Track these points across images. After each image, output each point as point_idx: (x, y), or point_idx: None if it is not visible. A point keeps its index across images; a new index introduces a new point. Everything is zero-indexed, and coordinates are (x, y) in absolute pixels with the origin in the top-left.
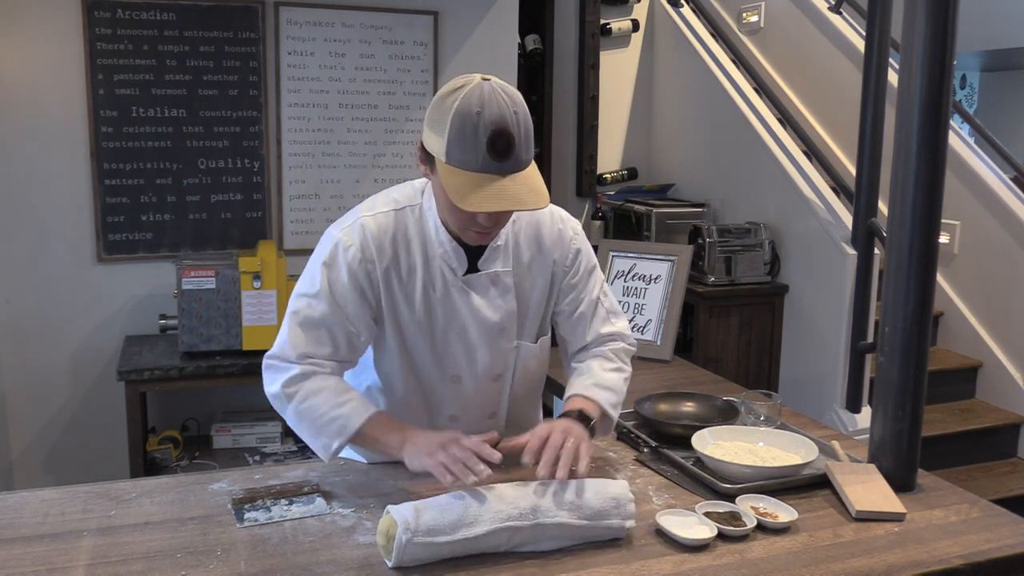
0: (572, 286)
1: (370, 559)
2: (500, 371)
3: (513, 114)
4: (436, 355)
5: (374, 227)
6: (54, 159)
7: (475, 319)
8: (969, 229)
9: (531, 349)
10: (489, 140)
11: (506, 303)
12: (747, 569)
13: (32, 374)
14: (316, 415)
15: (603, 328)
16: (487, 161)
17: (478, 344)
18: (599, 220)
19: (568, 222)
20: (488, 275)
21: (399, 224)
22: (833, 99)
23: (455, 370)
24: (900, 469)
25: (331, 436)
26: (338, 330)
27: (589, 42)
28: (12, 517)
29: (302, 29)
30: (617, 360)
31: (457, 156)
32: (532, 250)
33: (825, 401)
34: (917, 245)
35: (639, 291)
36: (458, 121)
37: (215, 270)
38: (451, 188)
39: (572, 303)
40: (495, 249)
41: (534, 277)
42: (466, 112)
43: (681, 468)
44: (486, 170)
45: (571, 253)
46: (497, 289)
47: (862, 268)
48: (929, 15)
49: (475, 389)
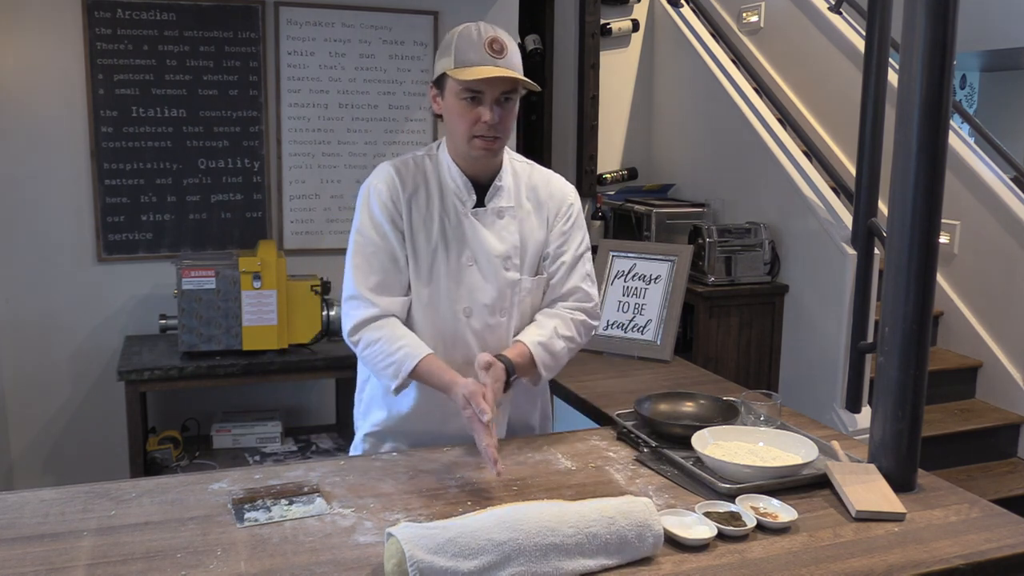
0: (562, 232)
1: (370, 559)
2: (505, 305)
3: (505, 33)
4: (449, 283)
5: (398, 167)
6: (54, 159)
7: (483, 248)
8: (969, 229)
9: (530, 284)
10: (487, 42)
11: (510, 235)
12: (747, 569)
13: (32, 374)
14: (376, 360)
15: (583, 284)
16: (486, 57)
17: (487, 274)
18: (599, 220)
19: (566, 185)
20: (494, 209)
21: (418, 166)
22: (833, 99)
23: (467, 302)
24: (900, 469)
25: (389, 378)
26: (384, 256)
27: (589, 42)
28: (12, 517)
29: (302, 29)
30: (574, 329)
31: (463, 58)
32: (532, 201)
33: (825, 401)
34: (917, 245)
35: (639, 291)
36: (462, 36)
37: (215, 270)
38: (460, 76)
39: (558, 248)
40: (498, 188)
41: (534, 221)
42: (466, 29)
43: (681, 468)
44: (487, 63)
45: (565, 205)
46: (502, 222)
47: (862, 268)
48: (929, 15)
49: (483, 325)
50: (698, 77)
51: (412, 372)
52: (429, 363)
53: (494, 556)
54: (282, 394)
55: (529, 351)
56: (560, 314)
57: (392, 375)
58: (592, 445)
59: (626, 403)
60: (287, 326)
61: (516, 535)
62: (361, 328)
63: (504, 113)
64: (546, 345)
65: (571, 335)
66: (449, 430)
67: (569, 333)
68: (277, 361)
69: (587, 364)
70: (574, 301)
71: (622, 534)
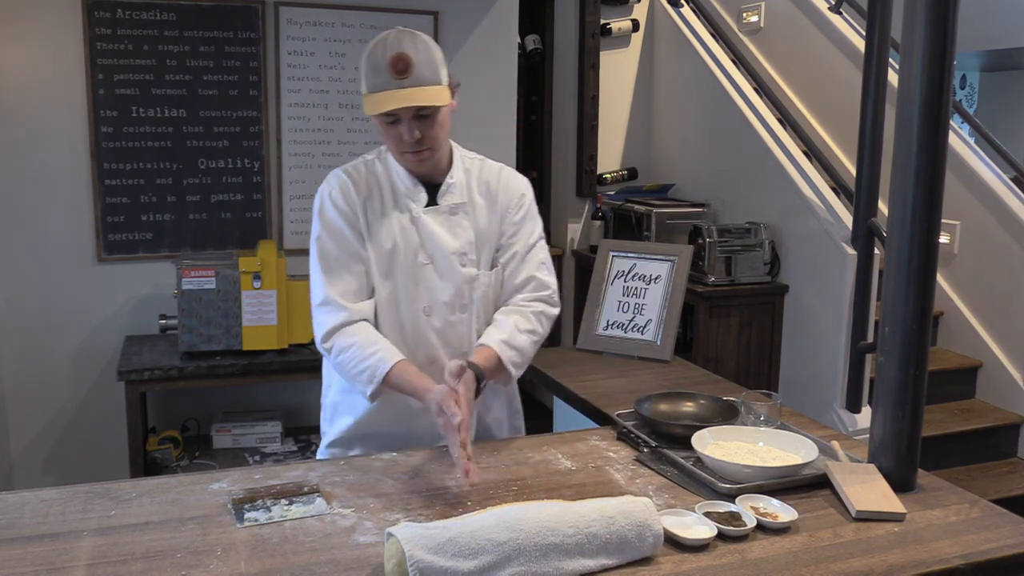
0: (514, 223)
1: (370, 559)
2: (464, 302)
3: (412, 43)
4: (407, 283)
5: (350, 172)
6: (54, 159)
7: (438, 246)
8: (969, 229)
9: (487, 278)
10: (391, 62)
11: (464, 231)
12: (747, 569)
13: (32, 374)
14: (349, 365)
15: (537, 272)
16: (390, 80)
17: (443, 272)
18: (599, 220)
19: (518, 177)
20: (446, 207)
21: (369, 170)
22: (833, 99)
23: (426, 300)
24: (900, 469)
25: (363, 384)
26: (349, 261)
27: (589, 42)
28: (12, 517)
29: (302, 29)
30: (535, 321)
31: (371, 83)
32: (484, 196)
33: (825, 401)
34: (917, 245)
35: (639, 291)
36: (370, 57)
37: (215, 270)
38: (367, 106)
39: (510, 239)
40: (450, 185)
41: (486, 215)
42: (373, 48)
43: (681, 468)
44: (390, 87)
45: (516, 196)
46: (455, 219)
47: (862, 268)
48: (929, 15)
49: (444, 323)
50: (698, 77)
51: (385, 377)
52: (402, 368)
53: (494, 556)
54: (282, 394)
55: (495, 353)
56: (518, 309)
57: (367, 380)
58: (592, 445)
59: (626, 403)
60: (287, 326)
61: (516, 535)
62: (333, 334)
63: (425, 126)
64: (510, 343)
65: (532, 328)
66: (417, 430)
67: (530, 326)
68: (277, 361)
69: (587, 364)
70: (530, 291)
71: (622, 534)
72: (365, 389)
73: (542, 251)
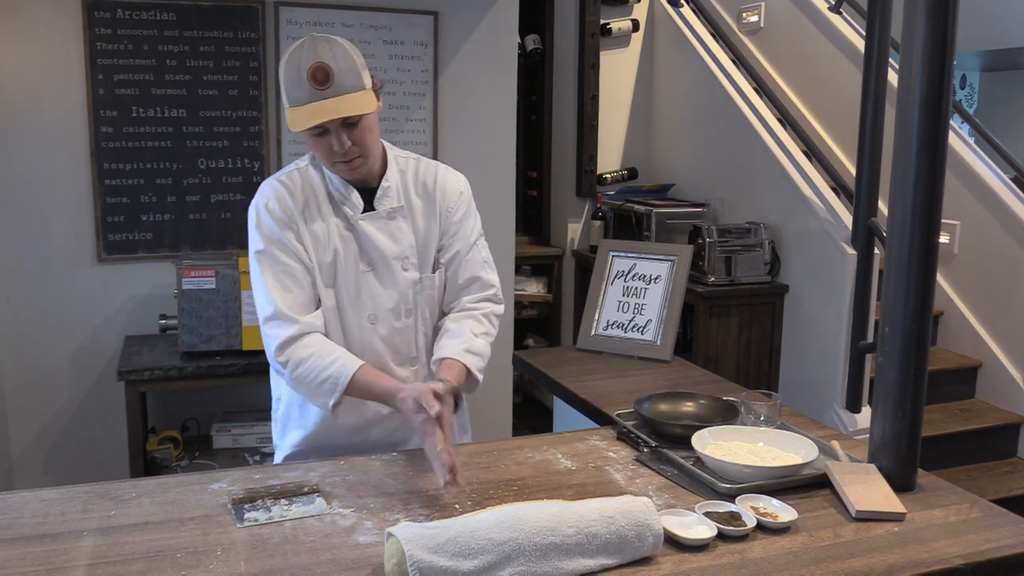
0: (453, 223)
1: (370, 559)
2: (409, 307)
3: (329, 50)
4: (350, 292)
5: (283, 182)
6: (54, 159)
7: (378, 252)
8: (969, 229)
9: (431, 281)
10: (310, 73)
11: (404, 235)
12: (747, 569)
13: (32, 374)
14: (309, 378)
15: (480, 272)
16: (312, 92)
17: (384, 278)
18: (599, 220)
19: (455, 175)
20: (384, 211)
21: (304, 179)
22: (833, 99)
23: (371, 308)
24: (900, 469)
25: (325, 395)
26: (294, 272)
27: (589, 42)
28: (12, 517)
29: (302, 29)
30: (487, 323)
31: (292, 96)
32: (422, 197)
33: (825, 401)
34: (917, 245)
35: (639, 291)
36: (287, 69)
37: (215, 270)
38: (292, 122)
39: (450, 240)
40: (386, 189)
41: (425, 217)
42: (289, 59)
43: (681, 468)
44: (313, 100)
45: (455, 196)
46: (394, 223)
47: (862, 268)
48: (929, 15)
49: (390, 330)
50: (698, 77)
51: (349, 384)
52: (366, 373)
53: (494, 556)
54: None
55: (462, 364)
56: (468, 313)
57: (328, 390)
58: (592, 445)
59: (626, 403)
60: None
61: (516, 535)
62: (287, 347)
63: (356, 134)
64: (471, 350)
65: (486, 330)
66: (372, 438)
67: (483, 329)
68: None
69: (587, 364)
70: (475, 291)
71: (622, 534)
72: (327, 400)
73: (483, 249)
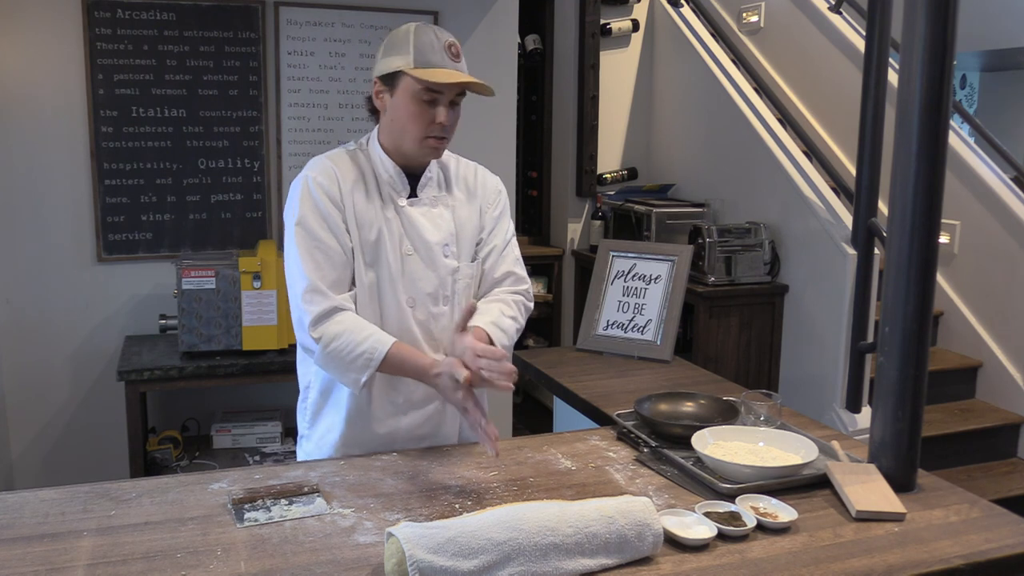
0: (493, 219)
1: (370, 559)
2: (447, 294)
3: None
4: (392, 274)
5: (334, 159)
6: (54, 159)
7: (421, 237)
8: (969, 229)
9: (468, 270)
10: (447, 46)
11: (445, 223)
12: (747, 569)
13: (32, 374)
14: (343, 353)
15: (515, 268)
16: (447, 60)
17: (426, 262)
18: (599, 220)
19: (493, 176)
20: (427, 199)
21: (353, 160)
22: (833, 99)
23: (410, 292)
24: (900, 469)
25: (358, 371)
26: (332, 249)
27: (589, 42)
28: (12, 517)
29: (302, 29)
30: (516, 310)
31: (423, 59)
32: (463, 191)
33: (825, 401)
34: (917, 245)
35: (639, 291)
36: (420, 36)
37: (215, 270)
38: (426, 77)
39: (490, 233)
40: (429, 179)
41: (466, 208)
42: (422, 30)
43: (681, 468)
44: (447, 66)
45: (494, 193)
46: (436, 211)
47: (862, 268)
48: (929, 15)
49: (427, 315)
50: (698, 77)
51: (384, 359)
52: (400, 349)
53: (494, 556)
54: (282, 394)
55: (486, 334)
56: (500, 297)
57: (362, 366)
58: (592, 445)
59: (626, 403)
60: (287, 326)
61: (516, 535)
62: (321, 322)
63: (454, 115)
64: (498, 325)
65: (515, 315)
66: (402, 427)
67: (513, 313)
68: (277, 361)
69: (587, 364)
70: (509, 284)
71: (622, 533)
72: (360, 376)
73: (516, 248)
